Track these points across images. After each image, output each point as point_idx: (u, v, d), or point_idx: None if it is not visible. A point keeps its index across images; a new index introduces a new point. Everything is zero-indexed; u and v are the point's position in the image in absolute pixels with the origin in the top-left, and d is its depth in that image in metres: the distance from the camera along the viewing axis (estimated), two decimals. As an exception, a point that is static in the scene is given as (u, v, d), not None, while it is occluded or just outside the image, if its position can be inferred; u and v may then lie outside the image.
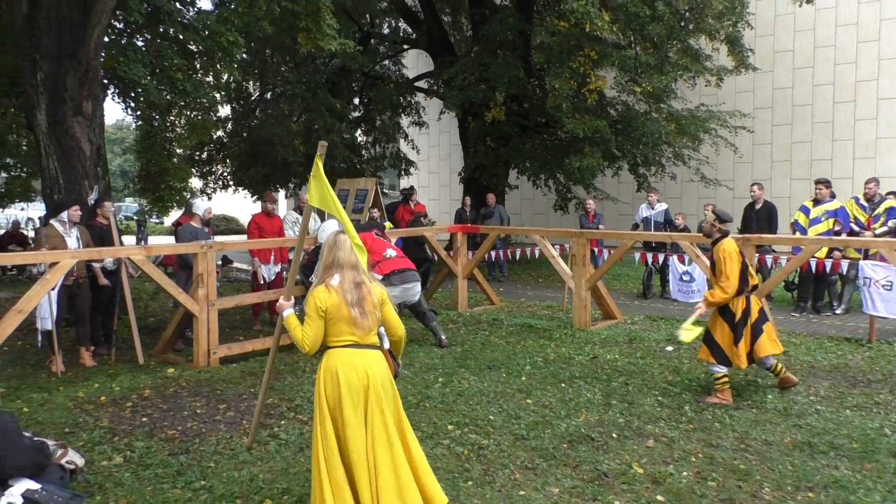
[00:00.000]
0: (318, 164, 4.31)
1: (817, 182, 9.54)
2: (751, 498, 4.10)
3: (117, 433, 5.25)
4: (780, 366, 6.06)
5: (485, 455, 4.77)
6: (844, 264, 8.59)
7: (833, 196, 9.51)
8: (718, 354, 5.92)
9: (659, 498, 4.10)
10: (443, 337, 8.11)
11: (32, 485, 3.59)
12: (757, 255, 8.12)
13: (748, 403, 5.80)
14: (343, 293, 3.56)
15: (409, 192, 13.66)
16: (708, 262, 8.09)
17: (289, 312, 3.79)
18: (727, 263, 5.77)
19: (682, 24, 12.35)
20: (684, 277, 9.36)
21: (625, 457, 4.71)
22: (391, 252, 7.89)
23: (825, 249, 8.77)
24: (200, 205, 8.56)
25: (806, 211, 9.53)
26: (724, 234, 6.05)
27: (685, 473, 4.42)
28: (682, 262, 9.50)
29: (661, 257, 10.03)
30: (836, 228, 9.17)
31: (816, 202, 9.45)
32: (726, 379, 5.93)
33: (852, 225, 9.25)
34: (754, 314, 5.90)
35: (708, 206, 11.07)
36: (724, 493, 4.16)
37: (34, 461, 3.65)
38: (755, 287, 6.05)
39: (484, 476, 4.44)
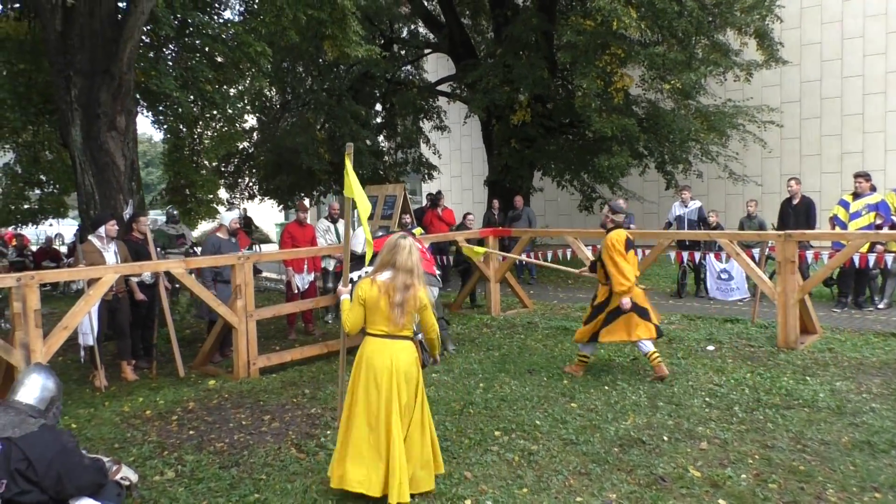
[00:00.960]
0: (348, 162, 4.79)
1: (857, 175, 9.37)
2: (815, 500, 4.01)
3: (166, 447, 5.27)
4: (656, 356, 6.51)
5: (536, 461, 4.71)
6: (889, 258, 8.41)
7: (873, 189, 9.34)
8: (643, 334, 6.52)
9: (721, 502, 4.02)
10: (450, 347, 7.99)
11: (92, 503, 3.60)
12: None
13: (799, 403, 5.68)
14: (389, 290, 4.10)
15: (437, 197, 13.63)
16: (749, 260, 8.00)
17: (344, 297, 4.42)
18: (611, 252, 6.39)
19: (710, 19, 12.20)
20: (722, 276, 9.23)
21: (679, 460, 4.63)
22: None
23: (868, 243, 8.59)
24: (227, 215, 8.59)
25: (845, 205, 9.36)
26: (617, 225, 6.60)
27: (743, 476, 4.33)
28: (720, 259, 9.36)
29: (696, 256, 9.89)
30: (878, 222, 8.99)
31: (856, 196, 9.27)
32: (657, 355, 6.50)
33: (894, 217, 9.06)
34: (612, 302, 6.54)
35: (751, 202, 10.95)
36: (788, 495, 4.07)
37: (94, 480, 3.65)
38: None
39: (538, 482, 4.38)
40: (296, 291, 9.35)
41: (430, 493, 4.24)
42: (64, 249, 18.57)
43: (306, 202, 15.18)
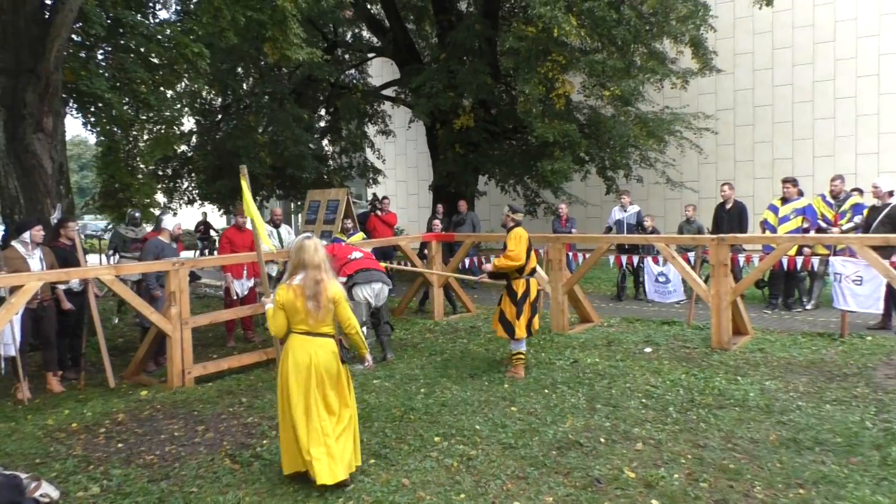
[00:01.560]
0: (243, 183, 5.24)
1: (784, 181, 9.71)
2: (744, 497, 4.10)
3: (92, 461, 5.06)
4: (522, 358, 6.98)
5: (474, 466, 4.70)
6: (815, 261, 8.74)
7: (801, 194, 9.69)
8: (508, 328, 6.91)
9: (654, 502, 4.07)
10: (389, 355, 7.90)
11: (7, 521, 3.43)
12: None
13: (730, 402, 5.83)
14: (303, 289, 4.37)
15: (380, 202, 13.58)
16: (684, 263, 8.20)
17: (268, 307, 4.63)
18: (514, 242, 6.82)
19: (648, 27, 12.50)
20: (660, 278, 9.43)
21: (615, 461, 4.69)
22: (356, 254, 7.77)
23: (796, 247, 8.90)
24: (169, 220, 8.38)
25: (775, 210, 9.69)
26: (518, 224, 7.07)
27: (676, 476, 4.41)
28: (657, 263, 9.57)
29: (635, 259, 10.09)
30: (805, 226, 9.34)
31: (784, 200, 9.61)
32: (522, 356, 6.97)
33: (820, 222, 9.43)
34: (532, 294, 7.00)
35: (689, 207, 11.25)
36: (717, 493, 4.15)
37: (8, 499, 3.48)
38: (534, 270, 7.14)
39: (476, 488, 4.37)
40: (235, 298, 9.15)
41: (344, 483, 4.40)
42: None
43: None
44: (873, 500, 3.97)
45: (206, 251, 19.08)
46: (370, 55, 18.69)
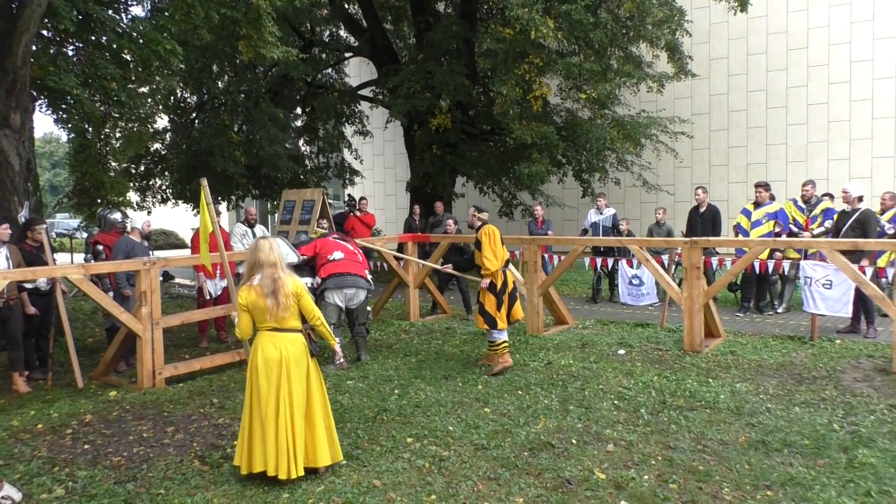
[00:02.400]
0: (203, 195, 5.49)
1: (757, 185, 9.82)
2: (712, 499, 4.13)
3: (57, 463, 4.96)
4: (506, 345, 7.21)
5: (446, 467, 4.68)
6: (786, 264, 8.85)
7: (773, 199, 9.81)
8: (489, 319, 7.10)
9: (623, 503, 4.09)
10: (363, 356, 7.84)
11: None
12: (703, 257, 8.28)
13: (701, 404, 5.88)
14: (262, 288, 4.45)
15: (358, 202, 13.52)
16: (658, 266, 8.27)
17: (236, 317, 4.67)
18: (490, 240, 7.10)
19: (624, 31, 12.60)
20: (634, 281, 9.50)
21: (586, 462, 4.70)
22: (337, 254, 7.67)
23: (767, 250, 9.01)
24: (139, 217, 8.27)
25: (747, 214, 9.80)
26: (485, 223, 7.35)
27: (646, 477, 4.43)
28: (631, 265, 9.63)
29: (610, 262, 10.14)
30: (777, 230, 9.46)
31: (757, 205, 9.73)
32: (506, 344, 7.16)
33: (791, 226, 9.55)
34: (510, 286, 7.26)
35: (659, 210, 11.35)
36: (686, 495, 4.18)
37: (-33, 499, 3.39)
38: (508, 262, 7.39)
39: (447, 489, 4.35)
40: (208, 298, 9.04)
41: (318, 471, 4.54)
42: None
43: (219, 206, 14.75)
44: (839, 502, 4.01)
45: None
46: (347, 55, 18.61)
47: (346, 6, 17.53)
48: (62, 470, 4.83)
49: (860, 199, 8.59)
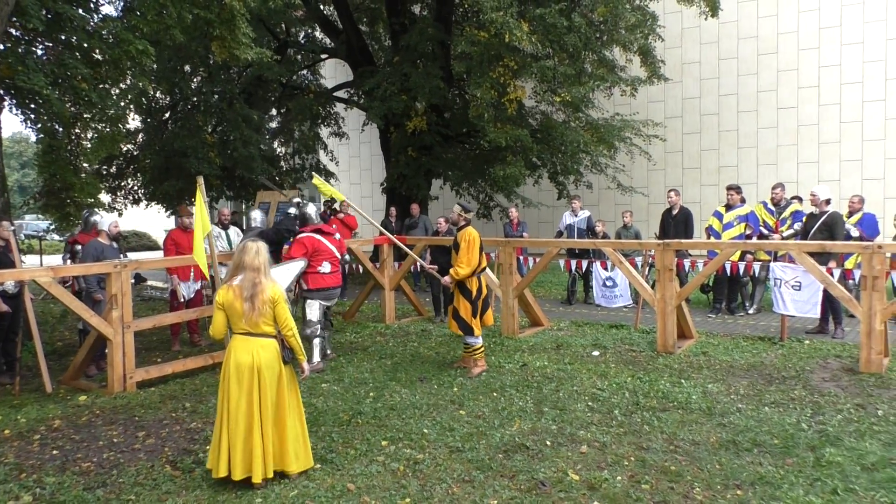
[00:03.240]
0: (199, 194, 5.32)
1: (728, 188, 9.96)
2: (683, 499, 4.18)
3: (24, 469, 4.87)
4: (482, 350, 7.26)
5: (421, 470, 4.68)
6: (756, 266, 8.99)
7: (743, 201, 9.96)
8: (464, 326, 7.11)
9: (596, 504, 4.12)
10: (330, 352, 8.09)
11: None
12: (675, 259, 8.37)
13: (674, 405, 5.95)
14: (241, 290, 4.45)
15: (340, 204, 13.43)
16: (631, 268, 8.34)
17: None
18: (469, 246, 7.06)
19: (598, 35, 12.71)
20: (607, 283, 9.58)
21: (560, 464, 4.72)
22: (326, 266, 7.73)
23: (738, 252, 9.14)
24: (106, 218, 8.15)
25: (719, 216, 9.94)
26: (468, 222, 7.29)
27: (619, 478, 4.47)
28: (605, 268, 9.71)
29: (584, 264, 10.22)
30: (748, 232, 9.60)
31: (728, 207, 9.86)
32: (482, 349, 7.23)
33: (762, 228, 9.70)
34: (484, 291, 7.30)
35: (626, 213, 11.45)
36: (658, 495, 4.22)
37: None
38: (484, 268, 7.32)
39: (421, 492, 4.35)
40: (181, 300, 8.94)
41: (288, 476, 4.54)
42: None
43: (191, 207, 14.59)
44: (806, 501, 4.08)
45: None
46: (323, 56, 18.55)
47: (322, 7, 17.47)
48: (30, 476, 4.75)
49: (828, 202, 8.75)
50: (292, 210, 8.62)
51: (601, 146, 13.67)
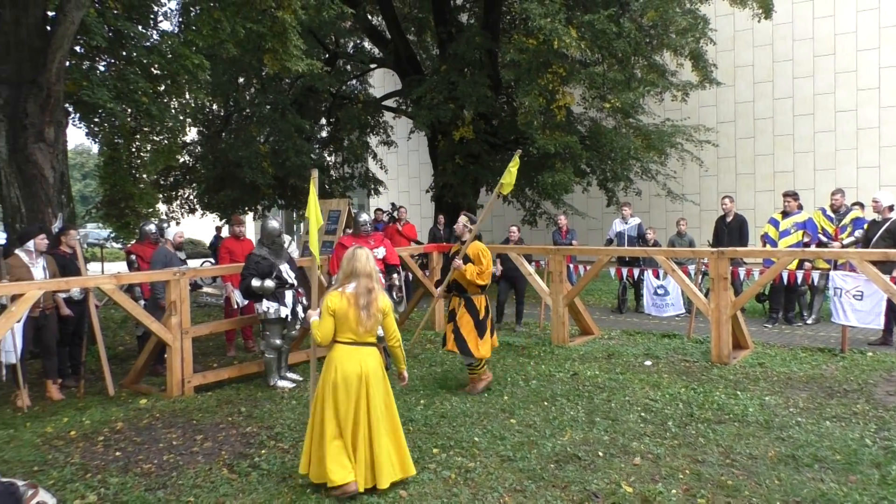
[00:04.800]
0: (312, 188, 5.10)
1: (785, 195, 9.71)
2: (742, 514, 4.09)
3: (90, 469, 5.06)
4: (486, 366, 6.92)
5: (472, 479, 4.69)
6: (815, 275, 8.73)
7: (801, 208, 9.70)
8: (463, 346, 6.69)
9: (651, 517, 4.06)
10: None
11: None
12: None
13: (730, 417, 5.82)
14: (356, 298, 4.38)
15: (397, 211, 13.55)
16: (684, 276, 8.20)
17: (314, 319, 4.59)
18: (483, 258, 6.67)
19: (647, 40, 12.56)
20: (659, 291, 9.42)
21: (613, 476, 4.67)
22: None
23: (796, 261, 8.90)
24: (171, 230, 8.47)
25: (775, 223, 9.69)
26: (477, 237, 6.99)
27: (674, 491, 4.39)
28: (657, 276, 9.56)
29: (636, 272, 10.08)
30: (805, 240, 9.34)
31: (785, 214, 9.62)
32: (484, 365, 6.85)
33: (820, 236, 9.43)
34: (490, 311, 6.89)
35: (681, 220, 11.25)
36: (715, 509, 4.14)
37: (5, 505, 3.47)
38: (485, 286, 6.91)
39: (473, 501, 4.36)
40: (235, 307, 9.14)
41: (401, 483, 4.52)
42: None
43: (244, 216, 14.92)
44: (872, 517, 3.96)
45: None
46: (371, 66, 18.77)
47: (370, 18, 17.69)
48: (94, 476, 4.92)
49: (891, 208, 8.47)
50: (363, 217, 8.68)
51: (651, 152, 13.49)
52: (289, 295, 7.38)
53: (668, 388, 6.76)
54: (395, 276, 8.43)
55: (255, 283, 7.15)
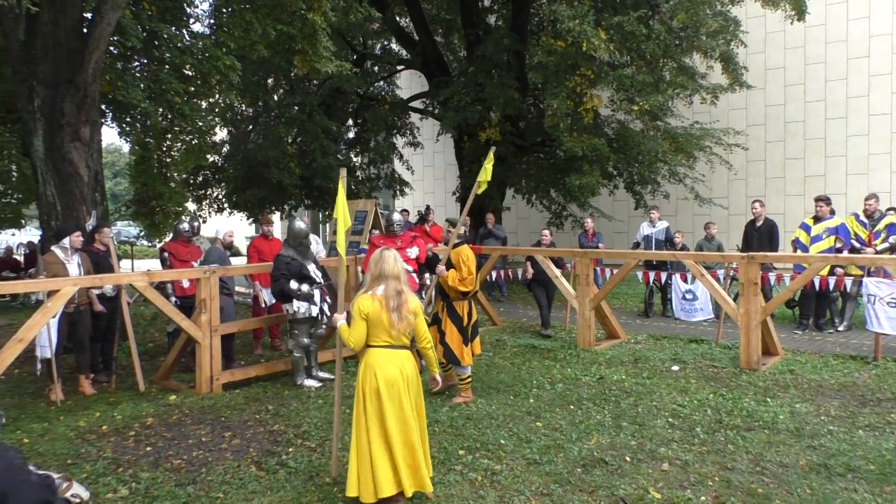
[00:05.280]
0: (341, 187, 4.99)
1: (817, 199, 9.56)
2: (772, 522, 4.04)
3: (121, 464, 5.14)
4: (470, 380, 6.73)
5: (499, 481, 4.69)
6: (848, 281, 8.58)
7: (833, 213, 9.54)
8: (450, 355, 6.61)
9: (680, 524, 4.03)
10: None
11: (40, 522, 3.47)
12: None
13: (759, 424, 5.75)
14: (386, 300, 4.28)
15: (426, 212, 13.59)
16: (713, 281, 8.11)
17: (341, 323, 4.50)
18: (464, 265, 6.53)
19: (677, 42, 12.44)
20: (687, 296, 9.32)
21: (640, 481, 4.64)
22: None
23: (828, 267, 8.76)
24: (221, 228, 8.69)
25: (807, 228, 9.55)
26: (461, 241, 6.76)
27: (703, 498, 4.35)
28: (685, 280, 9.47)
29: (663, 276, 10.00)
30: (838, 245, 9.19)
31: (817, 219, 9.47)
32: (469, 379, 6.69)
33: (853, 241, 9.26)
34: (474, 317, 6.82)
35: (710, 224, 11.12)
36: (745, 517, 4.09)
37: (41, 498, 3.52)
38: (475, 293, 6.90)
39: (500, 503, 4.35)
40: (263, 306, 9.23)
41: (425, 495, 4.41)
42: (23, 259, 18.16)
43: (272, 216, 15.07)
44: (907, 529, 3.88)
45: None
46: (399, 67, 18.85)
47: (398, 19, 17.76)
48: (126, 471, 5.00)
49: (927, 214, 8.29)
50: (396, 216, 8.75)
51: (679, 155, 13.36)
52: (317, 294, 7.45)
53: (695, 393, 6.70)
54: (427, 275, 8.43)
55: (293, 285, 7.22)
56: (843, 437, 5.38)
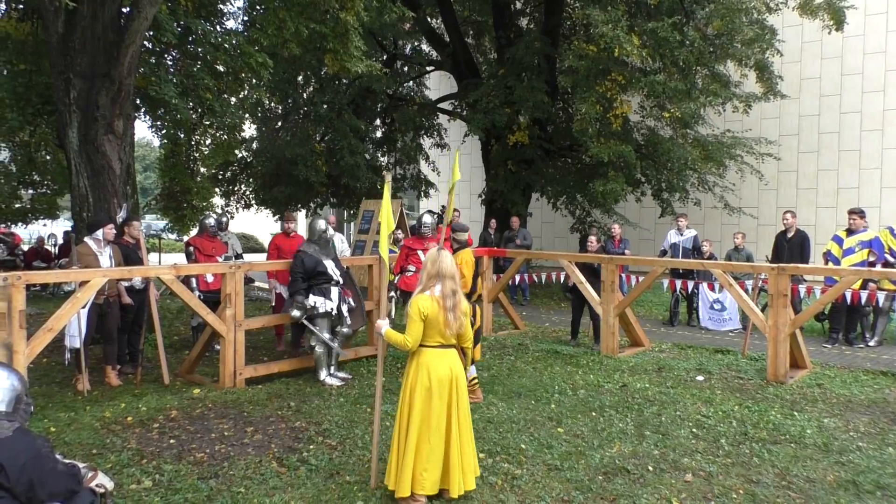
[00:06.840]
0: (386, 189, 5.01)
1: (851, 212, 9.39)
2: (799, 539, 3.96)
3: (145, 455, 5.19)
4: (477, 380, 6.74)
5: (519, 486, 4.65)
6: (881, 296, 8.42)
7: (867, 226, 9.36)
8: None
9: (703, 537, 3.96)
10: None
11: (64, 510, 3.51)
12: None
13: (786, 438, 5.65)
14: (444, 300, 4.30)
15: (440, 215, 13.60)
16: (742, 291, 8.00)
17: (386, 328, 4.51)
18: (465, 269, 6.42)
19: (711, 50, 12.30)
20: (715, 306, 9.21)
21: (663, 491, 4.58)
22: (412, 268, 7.98)
23: (860, 280, 8.59)
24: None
25: (839, 241, 9.38)
26: (463, 245, 6.85)
27: (727, 511, 4.29)
28: (713, 289, 9.36)
29: (690, 284, 9.88)
30: (871, 259, 9.01)
31: (850, 232, 9.30)
32: (476, 380, 6.69)
33: (887, 256, 9.09)
34: (478, 321, 6.70)
35: (738, 234, 10.97)
36: (771, 533, 4.02)
37: (67, 487, 3.56)
38: (480, 296, 6.87)
39: (520, 509, 4.32)
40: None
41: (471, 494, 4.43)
42: (56, 250, 18.48)
43: (296, 214, 15.17)
44: (939, 552, 3.78)
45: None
46: (429, 68, 18.87)
47: (430, 20, 17.79)
48: (150, 462, 5.04)
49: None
50: (427, 218, 8.89)
51: (709, 164, 13.21)
52: (334, 291, 7.46)
53: (720, 404, 6.60)
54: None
55: (296, 313, 7.31)
56: (872, 454, 5.27)
